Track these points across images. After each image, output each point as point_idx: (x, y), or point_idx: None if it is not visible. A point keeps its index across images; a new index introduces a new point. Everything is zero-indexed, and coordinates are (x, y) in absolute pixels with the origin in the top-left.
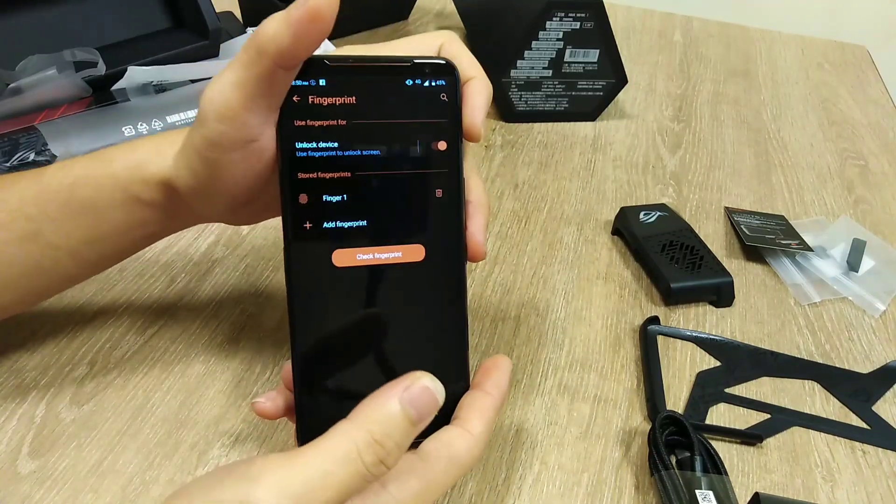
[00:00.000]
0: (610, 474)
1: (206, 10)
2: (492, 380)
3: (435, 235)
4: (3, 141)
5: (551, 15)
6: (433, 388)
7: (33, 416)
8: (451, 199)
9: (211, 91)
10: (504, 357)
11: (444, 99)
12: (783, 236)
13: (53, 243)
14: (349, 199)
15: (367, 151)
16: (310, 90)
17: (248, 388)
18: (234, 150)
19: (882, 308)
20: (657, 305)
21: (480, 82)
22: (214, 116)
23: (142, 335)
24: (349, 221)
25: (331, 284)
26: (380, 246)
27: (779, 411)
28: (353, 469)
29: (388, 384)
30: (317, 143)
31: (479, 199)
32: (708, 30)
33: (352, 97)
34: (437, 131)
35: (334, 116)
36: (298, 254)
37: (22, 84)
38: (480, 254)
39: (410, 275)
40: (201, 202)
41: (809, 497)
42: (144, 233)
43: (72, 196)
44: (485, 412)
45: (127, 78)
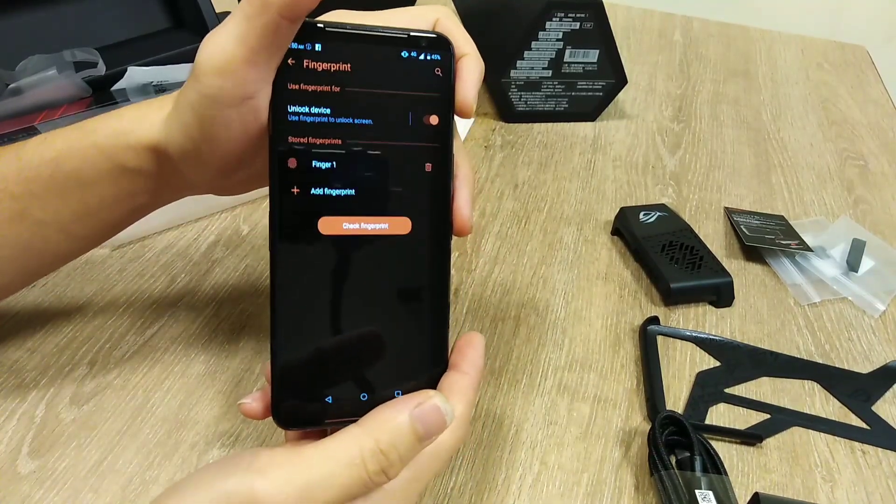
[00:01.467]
0: (610, 474)
1: (206, 10)
2: (467, 359)
3: (422, 209)
4: (3, 141)
5: (551, 15)
6: (444, 408)
7: (33, 416)
8: (440, 174)
9: (210, 45)
10: (476, 334)
11: (438, 73)
12: (783, 236)
13: (42, 221)
14: (338, 166)
15: (358, 120)
16: (305, 54)
17: (248, 388)
18: (232, 106)
19: (882, 308)
20: (657, 305)
21: (473, 59)
22: (213, 70)
23: (142, 335)
24: (337, 189)
25: (315, 252)
26: (366, 216)
27: (778, 411)
28: (356, 474)
29: (401, 398)
30: (309, 108)
31: (465, 174)
32: (708, 30)
33: (347, 64)
34: (429, 105)
35: (328, 82)
36: (284, 219)
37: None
38: (467, 227)
39: (395, 247)
40: (193, 166)
41: (809, 497)
42: (134, 204)
43: (56, 170)
44: (464, 393)
45: (127, 78)
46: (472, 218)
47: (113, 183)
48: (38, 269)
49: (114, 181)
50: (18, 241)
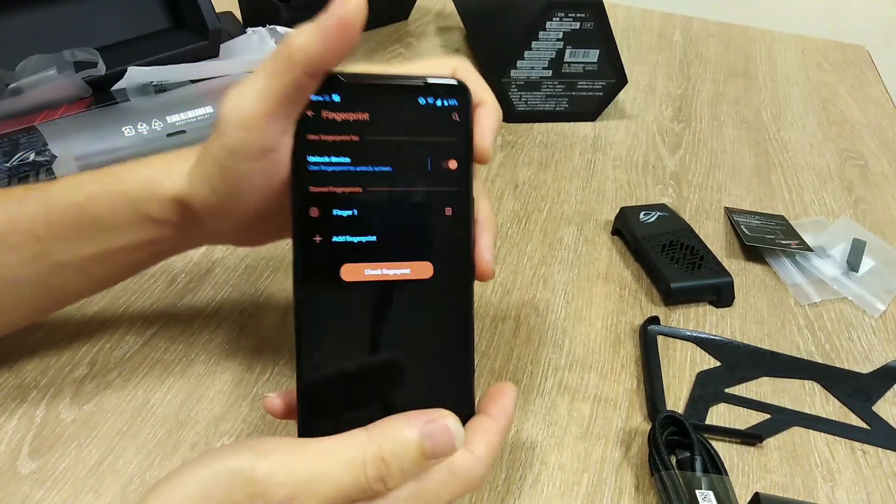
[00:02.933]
0: (610, 474)
1: (206, 10)
2: (497, 406)
3: (443, 253)
4: (4, 141)
5: (551, 15)
6: (455, 431)
7: (33, 416)
8: (461, 218)
9: (233, 100)
10: (510, 384)
11: (455, 119)
12: (783, 236)
13: (62, 262)
14: (359, 214)
15: (378, 167)
16: (324, 105)
17: (248, 389)
18: (254, 159)
19: (882, 308)
20: (657, 305)
21: (491, 106)
22: (236, 124)
23: (142, 335)
24: (358, 236)
25: (338, 298)
26: (388, 262)
27: (779, 411)
28: (355, 476)
29: (414, 412)
30: (329, 158)
31: (487, 218)
32: (708, 30)
33: (365, 114)
34: (448, 150)
35: (347, 132)
36: (307, 267)
37: (22, 84)
38: (489, 273)
39: (418, 292)
40: (216, 218)
41: (809, 497)
42: (154, 250)
43: (82, 215)
44: (489, 436)
45: (127, 78)
46: (493, 263)
47: (136, 231)
48: (52, 306)
49: (137, 229)
50: (37, 280)
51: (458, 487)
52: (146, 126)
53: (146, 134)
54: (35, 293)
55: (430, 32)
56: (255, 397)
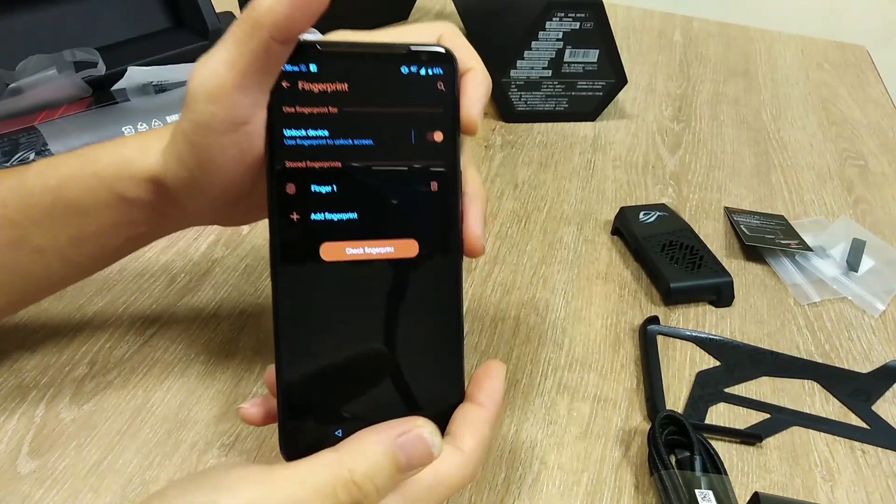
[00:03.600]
0: (609, 474)
1: (206, 10)
2: (484, 391)
3: (429, 230)
4: (3, 141)
5: (551, 15)
6: (430, 440)
7: (33, 415)
8: (447, 193)
9: (200, 71)
10: (496, 363)
11: (441, 88)
12: (783, 236)
13: (40, 247)
14: (339, 190)
15: (358, 141)
16: (300, 76)
17: (248, 389)
18: (225, 133)
19: (882, 308)
20: (657, 305)
21: (479, 74)
22: (204, 97)
23: (142, 335)
24: (338, 214)
25: (318, 279)
26: (370, 240)
27: (778, 411)
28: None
29: (384, 424)
30: (306, 131)
31: (475, 189)
32: (708, 30)
33: (344, 84)
34: (432, 122)
35: (325, 103)
36: (284, 246)
37: (22, 84)
38: (478, 248)
39: (402, 271)
40: (191, 197)
41: (809, 497)
42: (133, 233)
43: (57, 198)
44: (478, 427)
45: (127, 78)
46: (483, 238)
47: (112, 212)
48: (34, 293)
49: (113, 210)
50: (16, 266)
51: (448, 490)
52: (146, 126)
53: None
54: (15, 280)
55: None
56: (254, 397)
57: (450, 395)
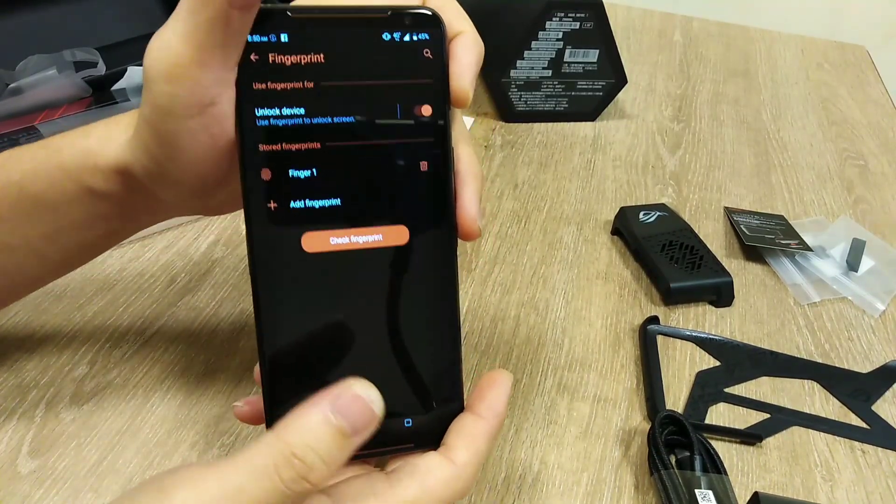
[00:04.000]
0: (609, 474)
1: None
2: (486, 401)
3: (420, 214)
4: (3, 141)
5: (551, 15)
6: (366, 395)
7: (33, 415)
8: (438, 172)
9: (154, 47)
10: (502, 372)
11: (427, 56)
12: (783, 236)
13: (10, 245)
14: (319, 173)
15: (338, 118)
16: (270, 47)
17: (248, 388)
18: (190, 116)
19: (881, 308)
20: (657, 305)
21: (470, 37)
22: (162, 77)
23: (142, 335)
24: (320, 200)
25: (301, 273)
26: (356, 228)
27: (778, 411)
28: (269, 485)
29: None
30: (280, 109)
31: (468, 167)
32: (708, 30)
33: (319, 55)
34: (419, 94)
35: (300, 77)
36: (263, 238)
37: (22, 84)
38: (474, 230)
39: (392, 261)
40: (163, 187)
41: (809, 497)
42: (107, 227)
43: (22, 193)
44: (474, 440)
45: (127, 78)
46: (479, 218)
47: (81, 206)
48: (10, 292)
49: (82, 204)
50: None
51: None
52: None
53: None
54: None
55: None
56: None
57: (447, 396)
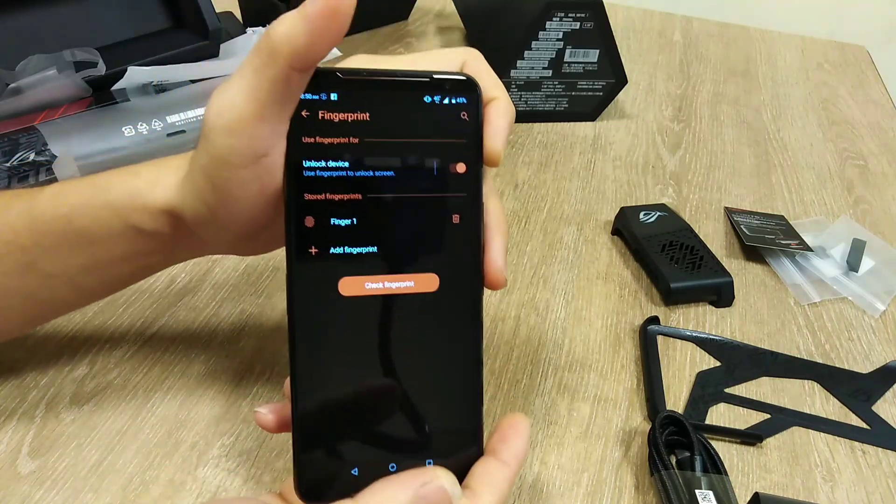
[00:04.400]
0: (610, 474)
1: (206, 10)
2: (510, 448)
3: (450, 264)
4: (4, 141)
5: (551, 15)
6: (451, 491)
7: (33, 415)
8: (469, 225)
9: (218, 101)
10: (523, 420)
11: (464, 118)
12: (783, 236)
13: (50, 273)
14: (359, 222)
15: (379, 172)
16: (320, 104)
17: (248, 388)
18: (245, 166)
19: (882, 308)
20: (657, 305)
21: (504, 104)
22: (223, 130)
23: (142, 335)
24: (358, 247)
25: (336, 314)
26: (390, 274)
27: (778, 411)
28: None
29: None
30: (326, 162)
31: (497, 221)
32: (708, 30)
33: (365, 113)
34: (455, 152)
35: (346, 133)
36: (302, 280)
37: (22, 84)
38: (500, 281)
39: (423, 306)
40: (210, 230)
41: (809, 497)
42: (147, 262)
43: (68, 226)
44: (499, 486)
45: (127, 78)
46: (505, 270)
47: (125, 242)
48: (43, 317)
49: (127, 241)
50: (25, 291)
51: None
52: (146, 126)
53: (146, 134)
54: (24, 304)
55: (430, 33)
56: (254, 397)
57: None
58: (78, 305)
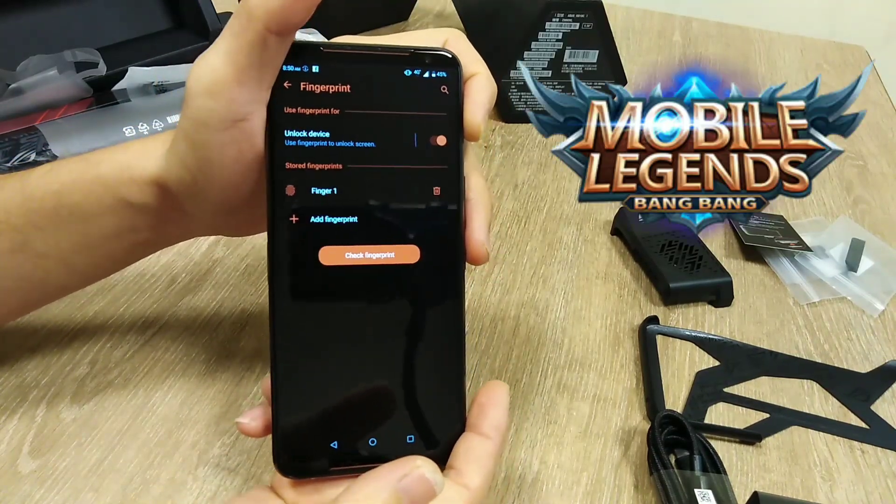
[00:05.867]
0: (609, 473)
1: (206, 10)
2: (489, 419)
3: (431, 236)
4: (4, 141)
5: (551, 16)
6: (432, 479)
7: (34, 415)
8: (450, 198)
9: (199, 66)
10: (499, 385)
11: (444, 91)
12: (782, 236)
13: (43, 253)
14: (339, 192)
15: (360, 143)
16: (302, 76)
17: (249, 388)
18: (222, 129)
19: (881, 308)
20: (656, 305)
21: (484, 79)
22: (202, 91)
23: (142, 334)
24: (339, 217)
25: (316, 284)
26: (371, 245)
27: (778, 411)
28: None
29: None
30: (307, 132)
31: (479, 195)
32: (707, 30)
33: (346, 86)
34: (435, 125)
35: (327, 105)
36: (283, 249)
37: (23, 84)
38: (481, 255)
39: (403, 278)
40: (193, 199)
41: (808, 496)
42: (136, 239)
43: (59, 203)
44: (484, 462)
45: (128, 78)
46: (487, 244)
47: (115, 217)
48: (37, 300)
49: (116, 215)
50: (19, 272)
51: None
52: (147, 126)
53: (147, 134)
54: (17, 286)
55: None
56: (254, 397)
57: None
58: (72, 288)
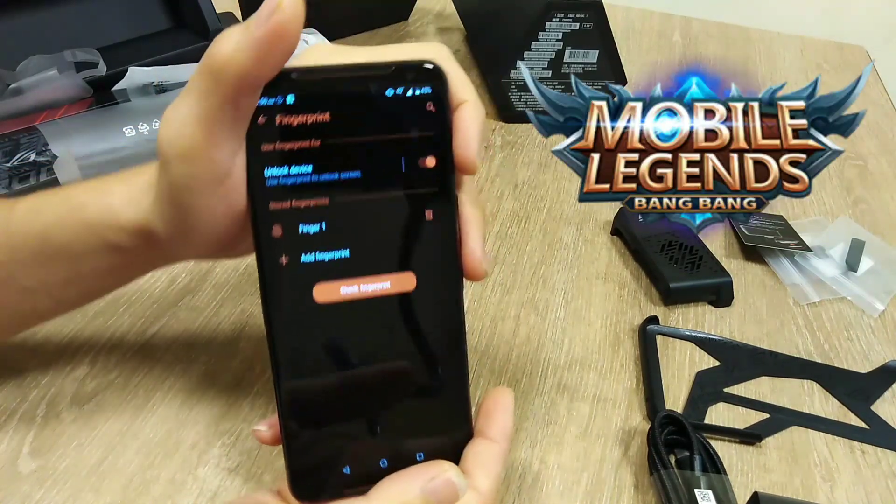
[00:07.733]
0: (609, 474)
1: (206, 10)
2: (496, 425)
3: (427, 260)
4: (4, 141)
5: (551, 16)
6: (458, 482)
7: (34, 415)
8: (443, 220)
9: (167, 129)
10: (505, 391)
11: (430, 109)
12: (782, 236)
13: (29, 287)
14: (328, 227)
15: (345, 174)
16: (276, 109)
17: (249, 388)
18: (207, 191)
19: (881, 308)
20: (656, 305)
21: (474, 107)
22: (178, 158)
23: (143, 335)
24: (330, 252)
25: (313, 323)
26: (365, 276)
27: (778, 411)
28: None
29: (412, 469)
30: (288, 169)
31: (471, 211)
32: (707, 30)
33: (325, 114)
34: (423, 146)
35: (306, 136)
36: (276, 292)
37: (23, 84)
38: (480, 271)
39: (402, 306)
40: (185, 247)
41: (808, 496)
42: (126, 274)
43: (44, 243)
44: (492, 465)
45: (128, 78)
46: (484, 259)
47: (103, 257)
48: (23, 327)
49: (104, 255)
50: (5, 304)
51: None
52: (147, 126)
53: (147, 134)
54: (3, 317)
55: (430, 33)
56: (255, 397)
57: (457, 428)
58: (60, 314)
